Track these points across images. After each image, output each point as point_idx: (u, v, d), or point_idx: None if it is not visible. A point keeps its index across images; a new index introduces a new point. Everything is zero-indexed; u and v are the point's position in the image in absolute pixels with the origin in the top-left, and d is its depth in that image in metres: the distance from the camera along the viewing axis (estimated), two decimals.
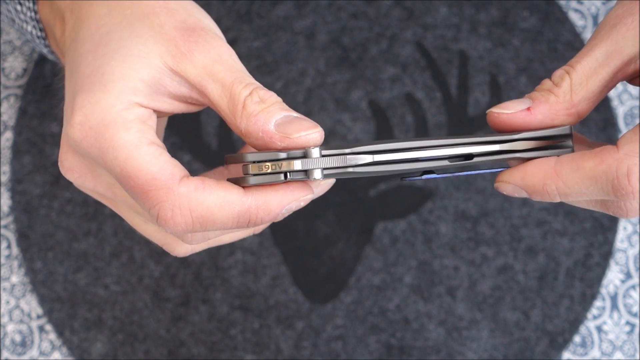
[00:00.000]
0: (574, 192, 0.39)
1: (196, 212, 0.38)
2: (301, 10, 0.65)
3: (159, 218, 0.38)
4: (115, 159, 0.38)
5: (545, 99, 0.40)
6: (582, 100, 0.40)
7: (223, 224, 0.39)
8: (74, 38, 0.43)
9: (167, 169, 0.38)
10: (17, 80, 0.65)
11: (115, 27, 0.41)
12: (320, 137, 0.39)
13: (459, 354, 0.62)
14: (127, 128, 0.39)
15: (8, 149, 0.64)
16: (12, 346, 0.62)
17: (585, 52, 0.41)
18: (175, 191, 0.38)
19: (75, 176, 0.42)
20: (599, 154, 0.38)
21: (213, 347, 0.62)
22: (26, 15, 0.49)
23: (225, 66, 0.40)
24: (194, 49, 0.40)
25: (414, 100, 0.65)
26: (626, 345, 0.63)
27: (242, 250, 0.63)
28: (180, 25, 0.41)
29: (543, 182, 0.40)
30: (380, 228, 0.63)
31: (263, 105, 0.39)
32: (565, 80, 0.40)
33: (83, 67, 0.40)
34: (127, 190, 0.39)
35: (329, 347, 0.62)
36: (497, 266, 0.63)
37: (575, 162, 0.39)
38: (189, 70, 0.40)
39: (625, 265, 0.64)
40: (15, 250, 0.63)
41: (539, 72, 0.65)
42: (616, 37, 0.40)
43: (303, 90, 0.65)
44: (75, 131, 0.39)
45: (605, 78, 0.40)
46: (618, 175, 0.37)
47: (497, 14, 0.66)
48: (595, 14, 0.66)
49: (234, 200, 0.39)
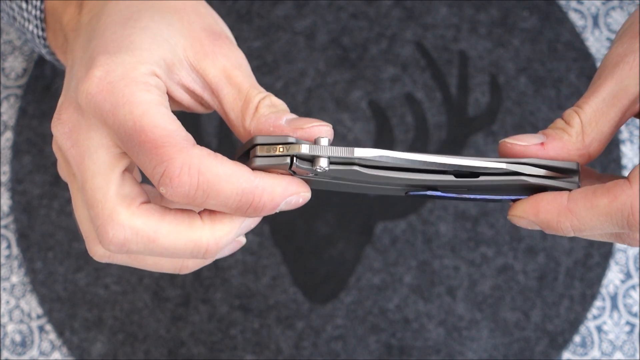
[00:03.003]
0: (588, 228, 0.40)
1: (204, 175, 0.38)
2: (301, 10, 0.65)
3: (164, 175, 0.38)
4: (130, 113, 0.38)
5: (559, 137, 0.41)
6: (593, 142, 0.41)
7: (226, 197, 0.39)
8: (96, 12, 0.44)
9: (182, 132, 0.39)
10: (17, 80, 0.65)
11: (147, 10, 0.42)
12: (331, 131, 0.41)
13: (459, 354, 0.62)
14: (148, 89, 0.39)
15: (8, 149, 0.64)
16: (12, 346, 0.62)
17: (592, 93, 0.41)
18: (189, 150, 0.38)
19: (64, 130, 0.41)
20: (612, 190, 0.39)
21: (213, 347, 0.62)
22: (30, 14, 0.50)
23: (244, 73, 0.43)
24: (217, 52, 0.42)
25: (414, 100, 0.65)
26: (626, 345, 0.63)
27: (242, 250, 0.63)
28: (208, 28, 0.43)
29: (557, 220, 0.40)
30: (380, 228, 0.63)
31: (274, 109, 0.41)
32: (575, 120, 0.41)
33: (109, 34, 0.41)
34: (134, 146, 0.38)
35: (329, 347, 0.62)
36: (497, 266, 0.63)
37: (588, 200, 0.39)
38: (209, 70, 0.42)
39: (625, 265, 0.64)
40: (15, 250, 0.63)
41: (539, 72, 0.65)
42: (620, 77, 0.40)
43: (303, 90, 0.65)
44: (91, 84, 0.39)
45: (614, 119, 0.41)
46: (633, 211, 0.38)
47: (497, 14, 0.66)
48: (595, 14, 0.66)
49: (243, 175, 0.39)
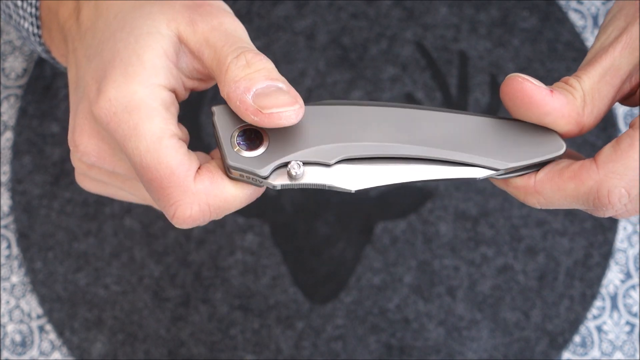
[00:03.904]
0: (554, 206, 0.41)
1: (213, 206, 0.40)
2: (301, 10, 0.65)
3: (175, 217, 0.40)
4: (136, 148, 0.39)
5: (565, 94, 0.41)
6: (591, 114, 0.41)
7: (236, 208, 0.41)
8: (90, 26, 0.43)
9: (185, 164, 0.39)
10: (17, 80, 0.65)
11: (128, 10, 0.42)
12: (296, 116, 0.38)
13: (459, 354, 0.62)
14: (150, 118, 0.39)
15: (8, 149, 0.64)
16: (12, 346, 0.62)
17: (589, 66, 0.41)
18: (193, 189, 0.39)
19: (94, 159, 0.42)
20: (579, 174, 0.39)
21: (213, 347, 0.62)
22: (25, 11, 0.49)
23: (222, 33, 0.40)
24: (196, 19, 0.41)
25: (414, 100, 0.65)
26: (626, 345, 0.63)
27: (242, 250, 0.63)
28: (190, 3, 0.42)
29: (524, 196, 0.41)
30: (380, 228, 0.63)
31: (248, 71, 0.38)
32: (577, 85, 0.41)
33: (105, 53, 0.41)
34: (144, 181, 0.40)
35: (329, 347, 0.62)
36: (497, 266, 0.63)
37: (555, 183, 0.40)
38: (190, 39, 0.40)
39: (625, 265, 0.64)
40: (15, 250, 0.63)
41: (539, 72, 0.65)
42: (613, 56, 0.41)
43: (303, 90, 0.64)
44: (101, 114, 0.40)
45: (608, 97, 0.41)
46: (599, 196, 0.39)
47: (497, 14, 0.66)
48: (595, 14, 0.66)
49: (247, 186, 0.41)
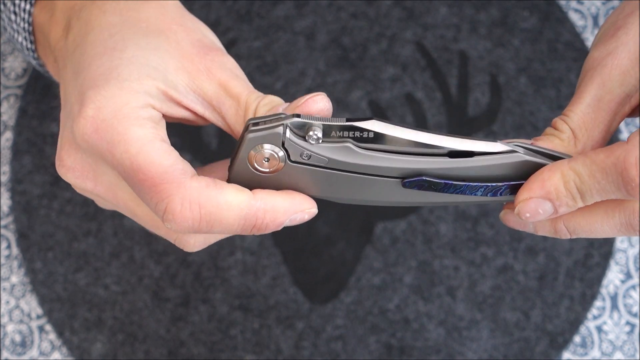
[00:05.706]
0: (587, 189, 0.39)
1: (205, 208, 0.39)
2: (301, 10, 0.65)
3: (166, 212, 0.38)
4: (125, 152, 0.38)
5: (551, 139, 0.41)
6: (586, 148, 0.41)
7: (229, 225, 0.39)
8: (80, 43, 0.43)
9: (179, 165, 0.39)
10: (17, 80, 0.65)
11: (131, 36, 0.42)
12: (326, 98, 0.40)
13: (459, 354, 0.62)
14: (141, 124, 0.39)
15: (8, 149, 0.64)
16: (12, 346, 0.62)
17: (576, 99, 0.41)
18: (187, 185, 0.38)
19: (76, 175, 0.42)
20: (610, 147, 0.39)
21: (213, 347, 0.62)
22: (19, 26, 0.49)
23: (241, 82, 0.42)
24: (210, 66, 0.42)
25: (414, 100, 0.65)
26: (626, 345, 0.63)
27: (242, 250, 0.63)
28: (197, 44, 0.42)
29: (563, 180, 0.39)
30: (380, 228, 0.63)
31: (270, 105, 0.41)
32: (564, 127, 0.41)
33: (95, 67, 0.41)
34: (134, 184, 0.39)
35: (329, 347, 0.62)
36: (497, 266, 0.63)
37: (588, 157, 0.39)
38: (206, 88, 0.41)
39: (625, 265, 0.64)
40: (15, 250, 0.63)
41: (539, 72, 0.65)
42: (601, 80, 0.41)
43: (303, 90, 0.65)
44: (86, 124, 0.39)
45: (604, 123, 0.41)
46: (626, 165, 0.37)
47: (497, 14, 0.66)
48: (595, 14, 0.66)
49: (243, 200, 0.39)
